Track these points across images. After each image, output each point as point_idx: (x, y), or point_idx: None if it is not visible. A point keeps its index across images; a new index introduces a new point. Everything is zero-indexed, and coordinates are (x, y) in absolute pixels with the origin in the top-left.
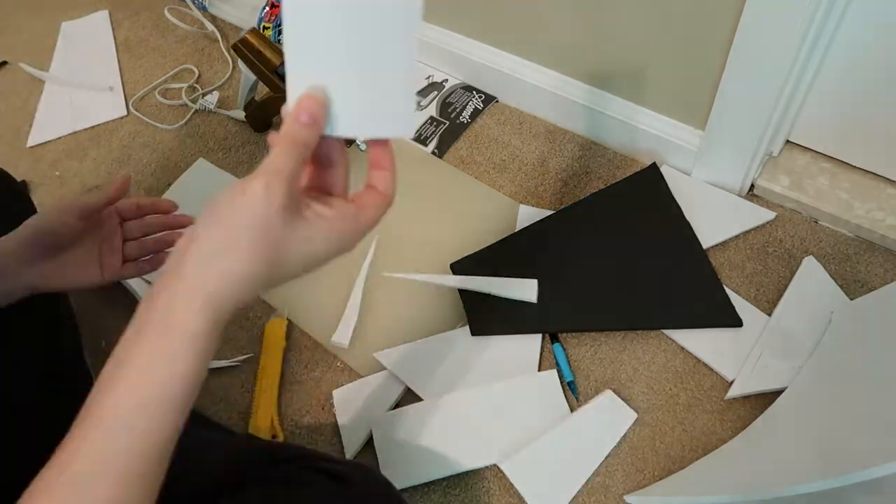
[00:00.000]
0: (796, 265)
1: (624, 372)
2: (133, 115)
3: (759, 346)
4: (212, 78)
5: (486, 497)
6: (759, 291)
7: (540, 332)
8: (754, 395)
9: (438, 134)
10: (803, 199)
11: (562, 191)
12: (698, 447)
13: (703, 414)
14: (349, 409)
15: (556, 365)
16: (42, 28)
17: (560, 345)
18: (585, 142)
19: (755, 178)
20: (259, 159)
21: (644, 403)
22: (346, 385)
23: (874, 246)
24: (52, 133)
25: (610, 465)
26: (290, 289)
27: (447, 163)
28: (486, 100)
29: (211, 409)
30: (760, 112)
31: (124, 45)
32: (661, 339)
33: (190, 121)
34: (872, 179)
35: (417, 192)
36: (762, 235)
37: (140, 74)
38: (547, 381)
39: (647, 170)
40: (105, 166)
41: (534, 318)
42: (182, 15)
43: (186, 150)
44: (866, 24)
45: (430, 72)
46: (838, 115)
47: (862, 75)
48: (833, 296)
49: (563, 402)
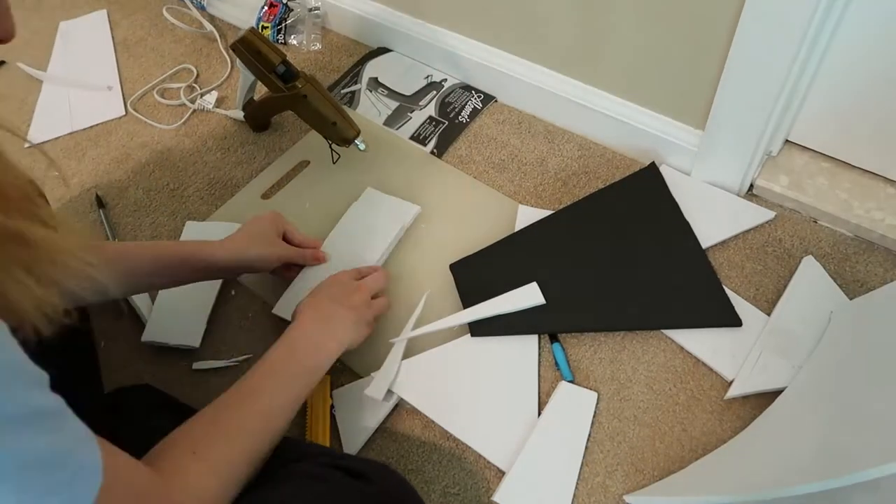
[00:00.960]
0: (796, 265)
1: (624, 372)
2: (131, 114)
3: (758, 345)
4: (210, 78)
5: (486, 497)
6: (759, 291)
7: (539, 333)
8: (754, 394)
9: (437, 134)
10: (802, 199)
11: (561, 191)
12: (698, 447)
13: (702, 414)
14: (349, 409)
15: (555, 365)
16: (40, 27)
17: (559, 344)
18: (585, 142)
19: (754, 177)
20: (257, 159)
21: (644, 403)
22: (347, 385)
23: (873, 246)
24: (50, 133)
25: (610, 466)
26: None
27: (446, 162)
28: (485, 99)
29: None
30: (760, 112)
31: (123, 45)
32: (661, 339)
33: (188, 121)
34: (872, 179)
35: (416, 191)
36: (761, 235)
37: (138, 74)
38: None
39: (645, 170)
40: (103, 166)
41: (533, 319)
42: (180, 14)
43: (185, 150)
44: (865, 23)
45: (429, 71)
46: (838, 114)
47: (861, 75)
48: (832, 295)
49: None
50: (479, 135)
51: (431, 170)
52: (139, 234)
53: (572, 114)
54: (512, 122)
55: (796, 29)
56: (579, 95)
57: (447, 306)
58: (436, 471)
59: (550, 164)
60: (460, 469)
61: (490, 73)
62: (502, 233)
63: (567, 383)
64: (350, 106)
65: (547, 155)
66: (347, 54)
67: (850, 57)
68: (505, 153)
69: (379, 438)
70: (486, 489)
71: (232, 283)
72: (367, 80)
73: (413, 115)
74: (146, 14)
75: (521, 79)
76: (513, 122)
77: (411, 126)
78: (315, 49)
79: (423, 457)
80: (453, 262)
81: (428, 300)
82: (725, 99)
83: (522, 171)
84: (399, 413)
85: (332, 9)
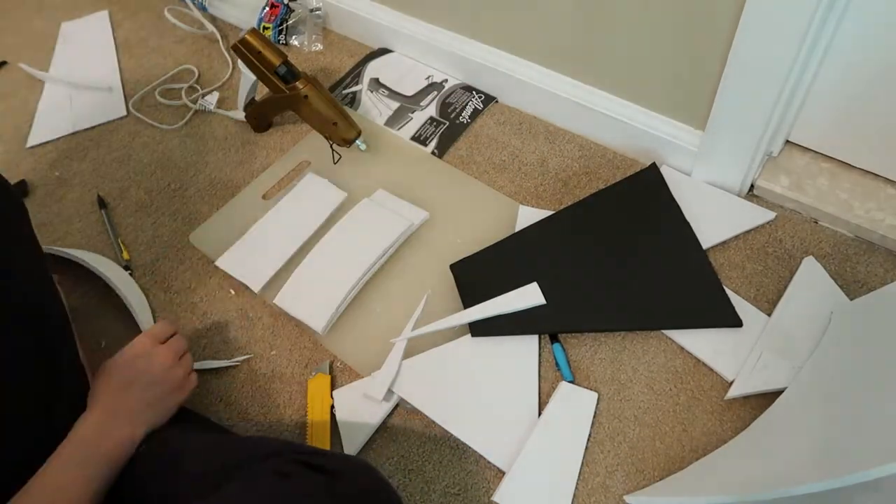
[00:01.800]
0: (796, 265)
1: (624, 372)
2: (133, 115)
3: (758, 346)
4: (211, 78)
5: (486, 497)
6: (759, 291)
7: (539, 333)
8: (754, 395)
9: (438, 134)
10: (803, 200)
11: (562, 191)
12: (698, 447)
13: (702, 414)
14: (349, 409)
15: (555, 365)
16: (42, 28)
17: (560, 344)
18: (585, 142)
19: (755, 178)
20: (258, 160)
21: (644, 403)
22: (347, 385)
23: (874, 246)
24: (52, 133)
25: (610, 466)
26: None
27: (447, 163)
28: (485, 100)
29: (210, 409)
30: (760, 112)
31: (124, 45)
32: (661, 339)
33: (190, 121)
34: (872, 179)
35: (417, 192)
36: (762, 236)
37: (140, 74)
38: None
39: (646, 170)
40: (105, 167)
41: (534, 319)
42: (182, 15)
43: (186, 151)
44: (866, 23)
45: (430, 72)
46: (838, 115)
47: (862, 75)
48: (833, 296)
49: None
50: (480, 135)
51: (432, 170)
52: (140, 234)
53: (573, 114)
54: (513, 122)
55: (797, 29)
56: (580, 96)
57: (447, 306)
58: (436, 471)
59: (551, 164)
60: (460, 469)
61: (491, 73)
62: (503, 233)
63: (567, 383)
64: (351, 106)
65: (547, 155)
66: (348, 55)
67: (850, 57)
68: (505, 154)
69: (379, 438)
70: (487, 489)
71: (230, 284)
72: (368, 81)
73: (414, 116)
74: (148, 15)
75: (522, 79)
76: (513, 123)
77: (412, 126)
78: (316, 50)
79: (423, 457)
80: (454, 262)
81: (428, 300)
82: (726, 99)
83: (523, 172)
84: (399, 413)
85: (333, 9)
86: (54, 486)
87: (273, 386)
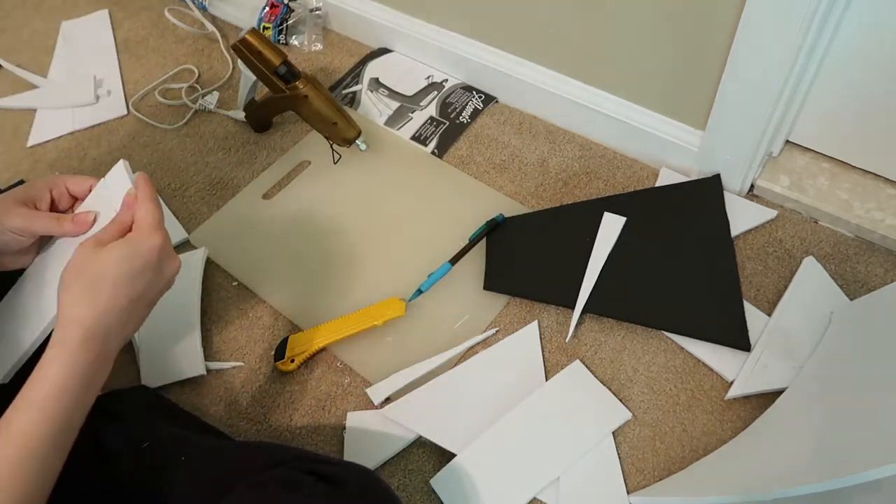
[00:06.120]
0: (796, 265)
1: (624, 372)
2: (133, 115)
3: (759, 346)
4: (212, 78)
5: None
6: (760, 292)
7: (550, 303)
8: (754, 395)
9: (438, 134)
10: (803, 200)
11: (562, 191)
12: (698, 447)
13: (703, 414)
14: (359, 437)
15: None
16: (42, 27)
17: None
18: (585, 142)
19: (755, 178)
20: (259, 160)
21: (644, 403)
22: (361, 412)
23: (874, 246)
24: (51, 133)
25: None
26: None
27: (447, 163)
28: (485, 100)
29: (211, 409)
30: (760, 112)
31: (124, 45)
32: (662, 339)
33: (190, 121)
34: (872, 179)
35: (417, 192)
36: (762, 235)
37: (140, 74)
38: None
39: (708, 179)
40: (105, 166)
41: (548, 289)
42: (182, 15)
43: (186, 151)
44: (866, 24)
45: (430, 72)
46: (838, 115)
47: (862, 75)
48: (833, 296)
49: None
50: (480, 135)
51: (432, 170)
52: None
53: (573, 114)
54: (513, 122)
55: (797, 30)
56: (580, 96)
57: (448, 306)
58: (436, 471)
59: (551, 164)
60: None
61: (491, 73)
62: None
63: (608, 391)
64: (351, 106)
65: (548, 155)
66: (349, 55)
67: (850, 57)
68: (506, 153)
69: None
70: None
71: (231, 278)
72: (368, 81)
73: (414, 116)
74: (148, 14)
75: (522, 79)
76: (514, 123)
77: (412, 126)
78: (316, 49)
79: (423, 457)
80: (492, 220)
81: (429, 304)
82: (726, 99)
83: (523, 172)
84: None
85: (333, 9)
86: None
87: (273, 387)
